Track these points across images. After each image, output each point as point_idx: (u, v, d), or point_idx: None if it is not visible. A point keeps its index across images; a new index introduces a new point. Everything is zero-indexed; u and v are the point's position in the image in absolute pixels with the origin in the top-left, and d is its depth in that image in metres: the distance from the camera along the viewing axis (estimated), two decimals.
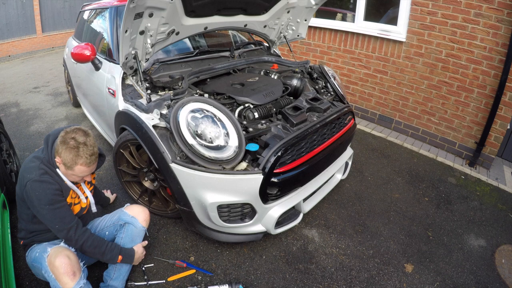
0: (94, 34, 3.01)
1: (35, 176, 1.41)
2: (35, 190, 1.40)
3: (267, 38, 2.98)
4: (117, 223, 1.75)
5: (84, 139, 1.45)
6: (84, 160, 1.43)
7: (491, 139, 3.10)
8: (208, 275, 1.85)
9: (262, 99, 2.03)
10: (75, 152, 1.41)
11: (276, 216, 1.86)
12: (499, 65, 2.89)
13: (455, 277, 1.94)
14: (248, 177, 1.68)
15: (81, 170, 1.46)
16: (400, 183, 2.83)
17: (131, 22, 1.70)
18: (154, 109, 1.87)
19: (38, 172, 1.43)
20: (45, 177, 1.43)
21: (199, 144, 1.65)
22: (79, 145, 1.42)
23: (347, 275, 1.91)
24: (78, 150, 1.41)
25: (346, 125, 2.25)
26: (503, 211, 2.57)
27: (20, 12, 7.33)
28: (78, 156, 1.42)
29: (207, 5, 2.05)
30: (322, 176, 2.15)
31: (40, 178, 1.41)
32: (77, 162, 1.42)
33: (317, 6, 2.71)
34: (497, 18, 2.80)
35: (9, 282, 1.56)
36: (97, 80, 2.56)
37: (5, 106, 4.31)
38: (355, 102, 4.14)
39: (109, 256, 1.54)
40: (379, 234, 2.23)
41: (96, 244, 1.51)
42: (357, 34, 3.81)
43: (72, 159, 1.42)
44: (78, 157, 1.42)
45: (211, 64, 2.37)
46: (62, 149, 1.42)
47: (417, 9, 3.26)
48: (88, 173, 1.51)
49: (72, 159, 1.42)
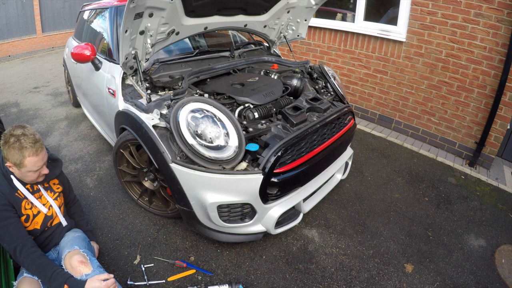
0: (94, 34, 3.01)
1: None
2: None
3: (267, 38, 2.98)
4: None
5: (22, 130, 1.42)
6: (29, 150, 1.39)
7: (491, 139, 3.10)
8: (208, 275, 1.85)
9: (262, 99, 2.03)
10: (18, 146, 1.38)
11: (276, 216, 1.86)
12: (499, 65, 2.89)
13: (455, 277, 1.94)
14: (248, 177, 1.68)
15: (32, 161, 1.41)
16: (400, 183, 2.83)
17: (131, 22, 1.70)
18: (154, 109, 1.87)
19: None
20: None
21: (199, 144, 1.65)
22: (19, 137, 1.39)
23: (347, 275, 1.91)
24: (20, 142, 1.39)
25: (346, 125, 2.25)
26: (503, 211, 2.57)
27: (20, 12, 7.33)
28: (22, 149, 1.39)
29: (207, 5, 2.05)
30: (322, 176, 2.15)
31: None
32: (24, 154, 1.39)
33: (317, 6, 2.71)
34: (497, 18, 2.80)
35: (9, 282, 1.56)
36: (97, 80, 2.56)
37: (5, 106, 4.31)
38: (355, 102, 4.14)
39: (54, 284, 1.36)
40: (379, 234, 2.23)
41: (42, 269, 1.38)
42: (357, 34, 3.81)
43: (18, 154, 1.38)
44: (22, 149, 1.39)
45: (211, 64, 2.37)
46: (7, 150, 1.40)
47: (417, 9, 3.26)
48: (40, 163, 1.45)
49: (18, 154, 1.38)
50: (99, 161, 2.94)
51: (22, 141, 1.39)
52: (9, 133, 1.42)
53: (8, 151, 1.39)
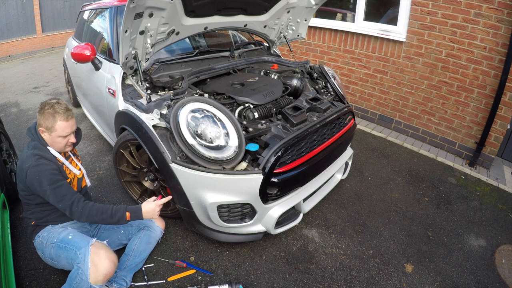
0: (94, 34, 3.00)
1: (32, 162, 1.51)
2: (35, 175, 1.49)
3: (267, 38, 2.98)
4: (134, 225, 1.85)
5: (56, 100, 1.60)
6: (61, 115, 1.55)
7: (491, 139, 3.10)
8: (208, 275, 1.85)
9: (262, 99, 2.03)
10: (51, 111, 1.54)
11: (276, 216, 1.86)
12: (499, 65, 2.89)
13: (455, 277, 1.94)
14: (248, 177, 1.68)
15: (62, 126, 1.56)
16: (400, 183, 2.83)
17: (131, 22, 1.70)
18: (154, 109, 1.87)
19: (33, 158, 1.52)
20: (41, 161, 1.52)
21: (199, 144, 1.65)
22: (53, 105, 1.56)
23: (347, 275, 1.91)
24: (54, 108, 1.55)
25: (346, 125, 2.25)
26: (503, 211, 2.57)
27: (20, 12, 7.33)
28: (55, 113, 1.54)
29: (207, 5, 2.05)
30: (322, 176, 2.15)
31: (37, 163, 1.51)
32: (56, 118, 1.54)
33: (317, 6, 2.71)
34: (497, 18, 2.80)
35: (9, 282, 1.56)
36: (97, 80, 2.56)
37: (5, 106, 4.31)
38: (355, 102, 4.14)
39: (118, 216, 1.56)
40: (379, 234, 2.23)
41: (102, 210, 1.55)
42: (357, 34, 3.81)
43: (51, 119, 1.54)
44: (55, 114, 1.54)
45: (211, 64, 2.37)
46: (41, 117, 1.56)
47: (417, 9, 3.27)
48: (69, 130, 1.60)
49: (51, 119, 1.54)
50: (99, 161, 2.94)
51: (56, 107, 1.56)
52: (45, 102, 1.59)
53: (42, 117, 1.56)
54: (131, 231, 1.85)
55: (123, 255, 1.78)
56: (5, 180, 2.15)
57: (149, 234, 1.84)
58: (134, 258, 1.77)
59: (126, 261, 1.76)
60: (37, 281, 1.76)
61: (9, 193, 2.17)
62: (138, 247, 1.79)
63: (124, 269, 1.74)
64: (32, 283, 1.75)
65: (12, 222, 2.12)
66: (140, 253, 1.80)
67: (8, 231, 1.88)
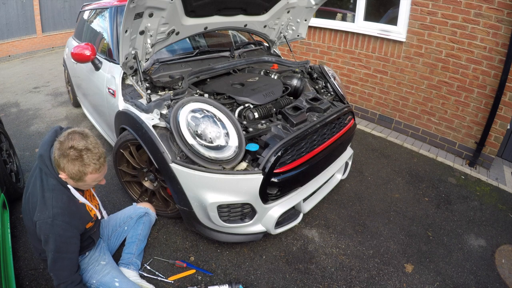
0: (94, 34, 3.00)
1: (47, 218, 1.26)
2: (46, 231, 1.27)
3: (267, 38, 2.98)
4: (134, 217, 1.93)
5: (84, 143, 1.26)
6: (92, 167, 1.26)
7: (491, 139, 3.10)
8: (208, 275, 1.85)
9: (262, 99, 2.03)
10: (79, 162, 1.24)
11: (276, 216, 1.86)
12: (499, 65, 2.89)
13: (455, 277, 1.94)
14: (248, 177, 1.68)
15: (93, 178, 1.31)
16: (400, 183, 2.83)
17: (131, 22, 1.70)
18: (154, 109, 1.87)
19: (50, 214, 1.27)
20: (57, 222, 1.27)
21: (199, 144, 1.65)
22: (81, 152, 1.24)
23: (347, 275, 1.91)
24: (83, 159, 1.24)
25: (346, 125, 2.25)
26: (503, 211, 2.57)
27: (20, 12, 7.33)
28: (84, 166, 1.24)
29: (207, 5, 2.05)
30: (322, 176, 2.15)
31: (53, 223, 1.26)
32: (85, 172, 1.26)
33: (317, 6, 2.71)
34: (497, 18, 2.80)
35: (9, 282, 1.55)
36: (97, 80, 2.56)
37: (5, 106, 4.31)
38: (355, 102, 4.14)
39: None
40: (379, 234, 2.23)
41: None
42: (357, 34, 3.81)
43: (79, 171, 1.25)
44: (85, 166, 1.25)
45: (211, 64, 2.37)
46: (64, 163, 1.23)
47: (417, 9, 3.26)
48: (101, 177, 1.37)
49: (79, 171, 1.25)
50: None
51: (85, 158, 1.24)
52: (67, 143, 1.23)
53: (66, 164, 1.24)
54: (131, 224, 1.93)
55: (129, 243, 1.87)
56: (5, 180, 2.15)
57: (149, 219, 2.00)
58: (141, 243, 1.88)
59: (135, 247, 1.85)
60: (37, 281, 1.76)
61: (9, 193, 2.17)
62: (143, 232, 1.92)
63: (134, 254, 1.83)
64: (32, 283, 1.75)
65: (12, 222, 2.12)
66: (145, 237, 1.93)
67: (8, 231, 1.88)
